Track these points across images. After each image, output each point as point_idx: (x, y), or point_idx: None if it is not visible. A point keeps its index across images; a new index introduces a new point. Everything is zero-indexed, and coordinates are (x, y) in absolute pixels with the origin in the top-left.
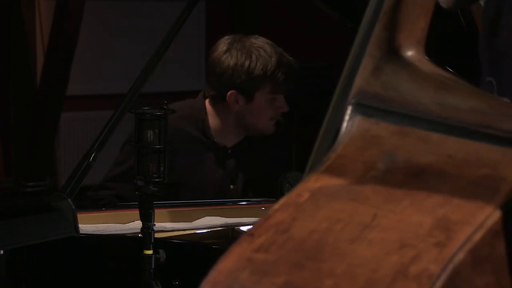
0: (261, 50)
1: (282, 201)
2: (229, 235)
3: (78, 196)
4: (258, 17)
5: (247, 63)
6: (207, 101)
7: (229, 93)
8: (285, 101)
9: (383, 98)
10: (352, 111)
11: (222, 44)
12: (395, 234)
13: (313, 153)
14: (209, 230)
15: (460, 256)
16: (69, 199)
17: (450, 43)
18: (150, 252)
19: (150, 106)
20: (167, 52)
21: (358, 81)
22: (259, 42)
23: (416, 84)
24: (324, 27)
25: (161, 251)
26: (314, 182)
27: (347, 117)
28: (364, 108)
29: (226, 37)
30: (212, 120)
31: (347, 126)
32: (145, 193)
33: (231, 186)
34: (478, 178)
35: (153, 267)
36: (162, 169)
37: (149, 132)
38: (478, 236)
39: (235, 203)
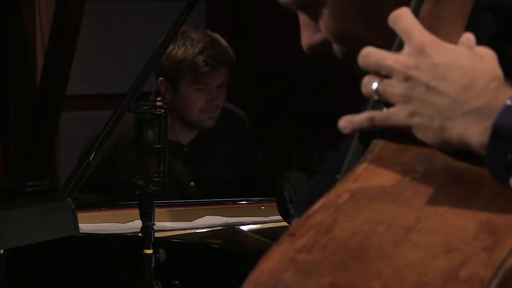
0: (187, 38)
1: (321, 201)
2: (229, 234)
3: None
4: (258, 17)
5: (170, 49)
6: (159, 99)
7: (158, 80)
8: (220, 94)
9: None
10: None
11: None
12: (440, 237)
13: (349, 155)
14: (209, 229)
15: (510, 261)
16: (69, 199)
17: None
18: (150, 251)
19: (149, 106)
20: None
21: None
22: (193, 32)
23: None
24: None
25: (161, 250)
26: (352, 183)
27: None
28: None
29: None
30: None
31: None
32: (145, 192)
33: (192, 183)
34: None
35: (153, 266)
36: (162, 169)
37: (149, 131)
38: None
39: (235, 202)
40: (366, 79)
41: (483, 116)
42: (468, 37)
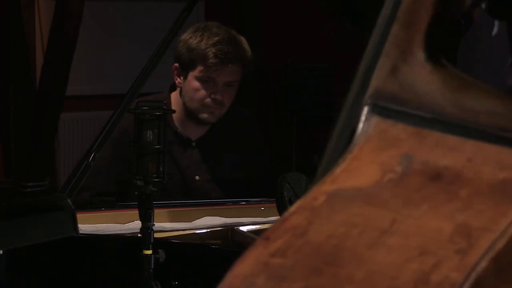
0: (207, 31)
1: (297, 204)
2: (228, 235)
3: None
4: (257, 17)
5: (188, 36)
6: (172, 93)
7: (173, 65)
8: (227, 93)
9: (400, 99)
10: (368, 112)
11: None
12: (414, 240)
13: (326, 155)
14: (208, 230)
15: (483, 264)
16: (68, 199)
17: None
18: (149, 252)
19: (149, 106)
20: (167, 52)
21: (375, 82)
22: (215, 26)
23: (434, 85)
24: (324, 28)
25: (160, 251)
26: (329, 185)
27: (363, 118)
28: (380, 109)
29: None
30: (176, 110)
31: (363, 127)
32: (144, 193)
33: (197, 177)
34: (498, 182)
35: (152, 267)
36: (161, 169)
37: (148, 132)
38: (501, 244)
39: (234, 203)
40: None
41: None
42: None
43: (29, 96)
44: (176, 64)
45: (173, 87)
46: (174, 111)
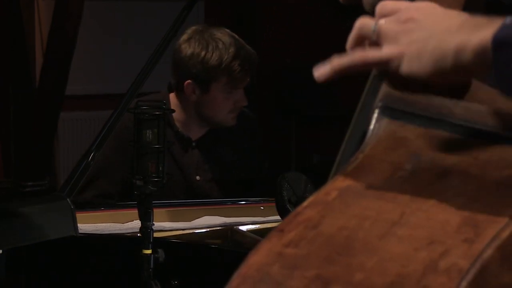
0: (219, 42)
1: (310, 199)
2: (228, 234)
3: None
4: (257, 17)
5: (203, 53)
6: (171, 94)
7: (186, 82)
8: (244, 96)
9: (409, 101)
10: (379, 114)
11: (185, 34)
12: (423, 231)
13: (340, 154)
14: (208, 229)
15: (489, 252)
16: (68, 199)
17: None
18: (149, 251)
19: (148, 106)
20: (166, 52)
21: (385, 85)
22: (219, 33)
23: (442, 87)
24: (324, 27)
25: (160, 250)
26: (342, 181)
27: (374, 120)
28: (390, 111)
29: (192, 27)
30: (175, 110)
31: (374, 128)
32: (144, 192)
33: (197, 177)
34: (502, 179)
35: (152, 266)
36: (161, 169)
37: (148, 132)
38: (506, 233)
39: (234, 203)
40: (362, 21)
41: (482, 27)
42: None
43: (29, 96)
44: (189, 81)
45: (171, 87)
46: (173, 111)
